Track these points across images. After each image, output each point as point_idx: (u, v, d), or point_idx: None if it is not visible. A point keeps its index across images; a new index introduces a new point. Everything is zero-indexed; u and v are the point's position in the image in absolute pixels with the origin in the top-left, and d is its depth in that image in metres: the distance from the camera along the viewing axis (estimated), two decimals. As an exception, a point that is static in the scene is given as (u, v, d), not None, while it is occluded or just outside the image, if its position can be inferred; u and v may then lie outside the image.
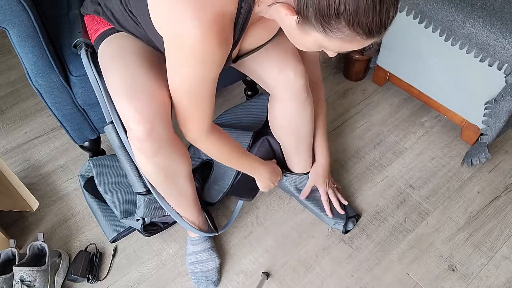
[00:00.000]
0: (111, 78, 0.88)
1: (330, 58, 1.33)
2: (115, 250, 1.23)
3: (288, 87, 1.01)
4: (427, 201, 1.31)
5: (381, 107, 1.57)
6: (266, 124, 1.23)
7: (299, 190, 1.26)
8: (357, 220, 1.26)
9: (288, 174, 1.26)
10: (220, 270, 1.18)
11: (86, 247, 1.22)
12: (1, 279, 1.06)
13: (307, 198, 1.26)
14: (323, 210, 1.23)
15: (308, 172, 1.25)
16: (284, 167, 1.27)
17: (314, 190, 1.25)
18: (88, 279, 1.16)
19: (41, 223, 1.30)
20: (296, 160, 1.23)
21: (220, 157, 0.99)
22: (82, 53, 1.00)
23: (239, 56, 0.93)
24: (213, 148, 0.95)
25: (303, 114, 1.09)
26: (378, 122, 1.52)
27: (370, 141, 1.47)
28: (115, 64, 0.89)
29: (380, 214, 1.28)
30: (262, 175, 1.12)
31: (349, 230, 1.23)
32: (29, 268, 1.07)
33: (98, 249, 1.22)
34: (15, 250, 1.12)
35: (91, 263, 1.18)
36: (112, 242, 1.23)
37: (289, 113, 1.08)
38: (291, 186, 1.27)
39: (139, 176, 1.04)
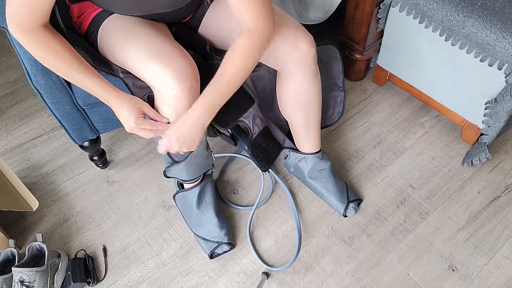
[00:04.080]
0: (131, 49, 0.89)
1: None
2: (105, 250, 1.23)
3: (302, 59, 1.02)
4: (427, 201, 1.30)
5: (381, 107, 1.57)
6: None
7: (304, 171, 1.28)
8: (358, 205, 1.29)
9: (296, 154, 1.28)
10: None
11: (76, 254, 1.21)
12: (1, 279, 1.06)
13: (312, 178, 1.27)
14: (328, 191, 1.26)
15: (319, 151, 1.26)
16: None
17: (320, 170, 1.26)
18: (89, 283, 1.15)
19: (41, 223, 1.30)
20: (306, 140, 1.24)
21: (50, 66, 0.87)
22: None
23: None
24: (34, 50, 0.84)
25: (312, 89, 1.11)
26: (378, 122, 1.52)
27: (370, 141, 1.47)
28: (131, 36, 0.90)
29: (380, 214, 1.28)
30: (117, 110, 0.93)
31: (347, 216, 1.26)
32: (28, 269, 1.07)
33: (87, 253, 1.21)
34: (14, 250, 1.12)
35: (86, 267, 1.18)
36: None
37: (299, 89, 1.10)
38: (292, 166, 1.30)
39: None
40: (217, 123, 1.09)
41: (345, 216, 1.26)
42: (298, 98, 1.12)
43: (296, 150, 1.28)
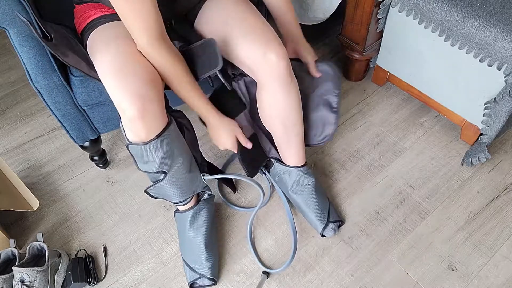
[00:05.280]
0: (100, 61, 0.90)
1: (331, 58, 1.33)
2: (105, 249, 1.23)
3: (271, 71, 1.01)
4: (427, 201, 1.31)
5: (381, 107, 1.57)
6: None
7: (287, 184, 1.25)
8: (339, 227, 1.24)
9: (280, 165, 1.25)
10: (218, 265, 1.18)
11: (76, 254, 1.22)
12: (1, 279, 1.06)
13: (294, 192, 1.24)
14: (309, 207, 1.22)
15: (304, 165, 1.24)
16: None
17: (303, 185, 1.23)
18: (89, 282, 1.16)
19: (42, 222, 1.30)
20: (289, 152, 1.22)
21: (167, 75, 0.94)
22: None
23: None
24: (161, 61, 0.91)
25: (289, 100, 1.08)
26: (378, 122, 1.52)
27: (370, 141, 1.47)
28: (105, 49, 0.90)
29: (380, 214, 1.28)
30: (213, 127, 1.08)
31: (324, 236, 1.22)
32: (29, 268, 1.07)
33: (88, 253, 1.22)
34: (15, 250, 1.12)
35: (86, 266, 1.18)
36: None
37: (273, 101, 1.08)
38: (277, 176, 1.27)
39: None
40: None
41: (323, 236, 1.23)
42: (273, 109, 1.10)
43: (280, 161, 1.26)
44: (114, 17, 0.98)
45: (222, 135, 1.08)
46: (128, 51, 0.90)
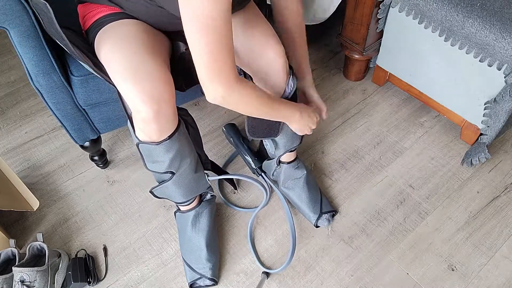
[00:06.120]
0: (111, 62, 0.89)
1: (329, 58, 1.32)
2: (105, 249, 1.23)
3: (268, 68, 1.01)
4: (427, 201, 1.31)
5: (381, 107, 1.57)
6: None
7: (279, 180, 1.27)
8: (333, 216, 1.27)
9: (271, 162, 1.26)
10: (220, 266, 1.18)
11: (76, 254, 1.22)
12: (1, 279, 1.06)
13: (286, 187, 1.26)
14: (301, 201, 1.24)
15: (293, 160, 1.24)
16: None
17: (294, 179, 1.25)
18: (89, 282, 1.16)
19: (42, 222, 1.30)
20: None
21: (252, 109, 0.91)
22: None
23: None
24: (246, 97, 0.86)
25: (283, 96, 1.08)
26: (378, 122, 1.52)
27: (370, 141, 1.47)
28: (116, 49, 0.89)
29: (380, 214, 1.28)
30: (296, 121, 1.04)
31: (319, 226, 1.25)
32: (29, 268, 1.07)
33: (88, 253, 1.22)
34: (15, 250, 1.12)
35: (86, 266, 1.18)
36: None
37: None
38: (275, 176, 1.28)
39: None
40: None
41: (317, 227, 1.25)
42: None
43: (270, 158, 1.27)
44: (124, 15, 0.97)
45: (304, 117, 1.04)
46: (141, 51, 0.89)
